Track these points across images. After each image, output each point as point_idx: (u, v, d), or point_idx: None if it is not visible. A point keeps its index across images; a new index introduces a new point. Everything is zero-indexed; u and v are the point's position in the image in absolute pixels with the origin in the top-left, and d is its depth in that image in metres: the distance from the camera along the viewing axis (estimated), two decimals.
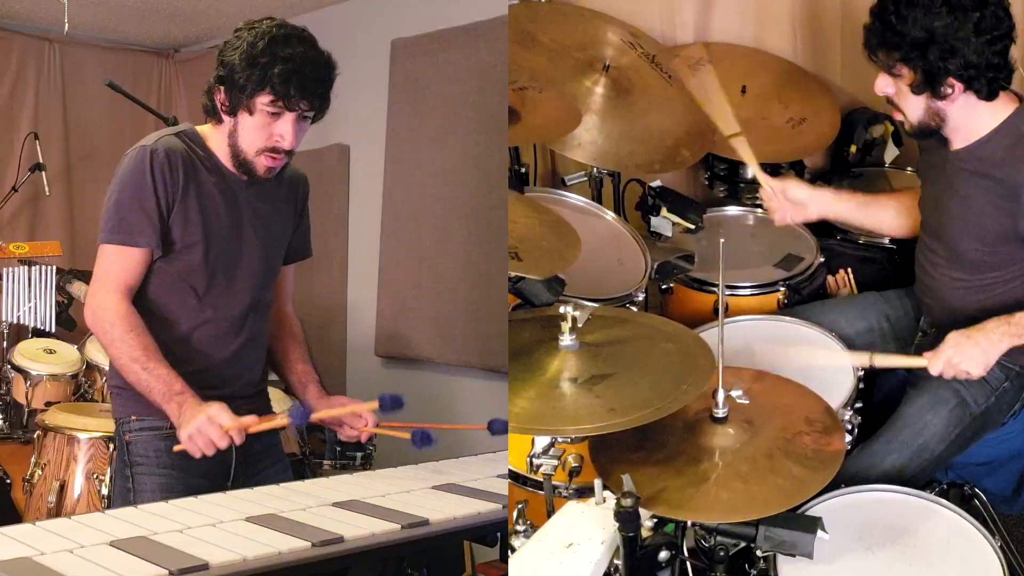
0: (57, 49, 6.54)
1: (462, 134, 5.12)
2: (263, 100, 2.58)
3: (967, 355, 2.71)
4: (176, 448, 2.53)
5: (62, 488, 3.87)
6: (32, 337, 5.18)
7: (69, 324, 5.31)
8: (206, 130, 2.75)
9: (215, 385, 2.69)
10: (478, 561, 3.64)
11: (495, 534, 2.40)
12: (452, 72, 5.17)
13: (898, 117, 2.88)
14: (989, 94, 2.72)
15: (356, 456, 4.49)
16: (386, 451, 4.58)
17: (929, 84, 2.72)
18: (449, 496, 2.43)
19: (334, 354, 5.84)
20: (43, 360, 4.87)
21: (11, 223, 6.23)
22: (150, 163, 2.60)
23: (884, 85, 2.82)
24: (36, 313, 5.15)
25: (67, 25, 4.96)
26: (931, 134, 2.85)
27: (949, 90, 2.72)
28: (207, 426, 2.47)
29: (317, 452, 4.52)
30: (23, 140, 6.07)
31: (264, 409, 2.87)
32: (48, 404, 4.60)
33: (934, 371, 2.74)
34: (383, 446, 4.64)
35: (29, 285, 5.21)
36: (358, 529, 2.07)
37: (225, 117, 2.66)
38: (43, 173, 5.94)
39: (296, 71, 2.54)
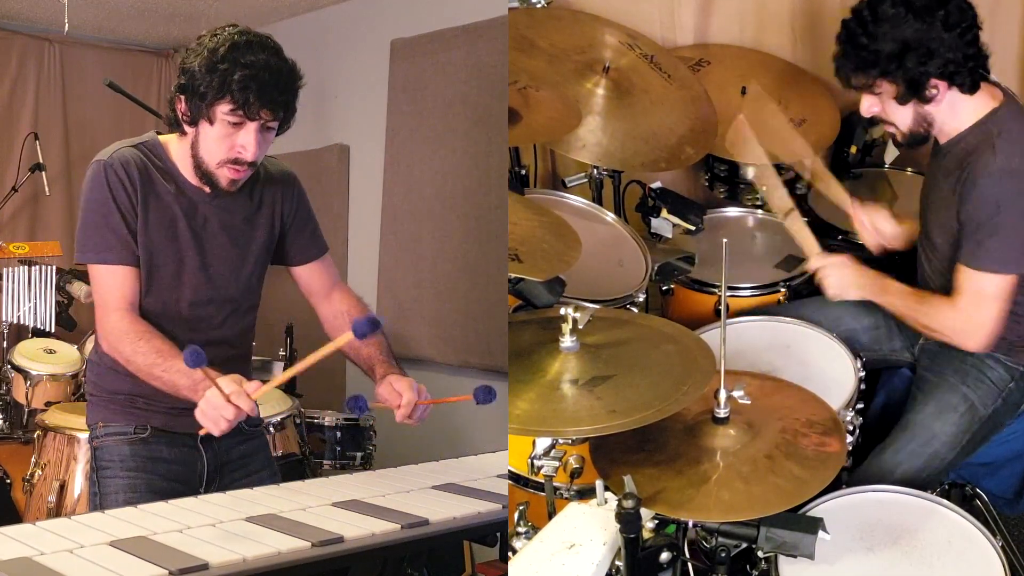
0: (57, 49, 6.55)
1: (462, 134, 5.12)
2: (223, 109, 2.49)
3: (839, 278, 3.02)
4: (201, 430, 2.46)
5: (62, 488, 3.87)
6: (32, 337, 5.19)
7: (69, 324, 5.32)
8: (170, 139, 2.69)
9: (175, 404, 2.60)
10: (478, 561, 3.64)
11: (495, 534, 2.39)
12: (452, 72, 5.17)
13: (890, 130, 2.91)
14: (972, 85, 2.76)
15: (356, 456, 4.49)
16: (386, 451, 4.59)
17: (913, 91, 2.76)
18: (449, 496, 2.43)
19: (334, 354, 5.83)
20: (43, 360, 4.88)
21: (11, 223, 6.23)
22: (106, 177, 2.56)
23: (870, 105, 2.86)
24: (36, 313, 5.16)
25: (67, 25, 4.96)
26: (922, 141, 2.89)
27: (934, 91, 2.75)
28: (215, 397, 2.36)
29: (317, 452, 4.53)
30: (23, 140, 6.08)
31: (237, 432, 2.74)
32: (48, 404, 4.62)
33: (811, 266, 3.09)
34: (383, 446, 4.64)
35: (29, 285, 5.22)
36: (358, 529, 2.07)
37: (187, 128, 2.59)
38: (43, 173, 5.95)
39: (255, 78, 2.46)
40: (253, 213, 2.79)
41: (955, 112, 2.80)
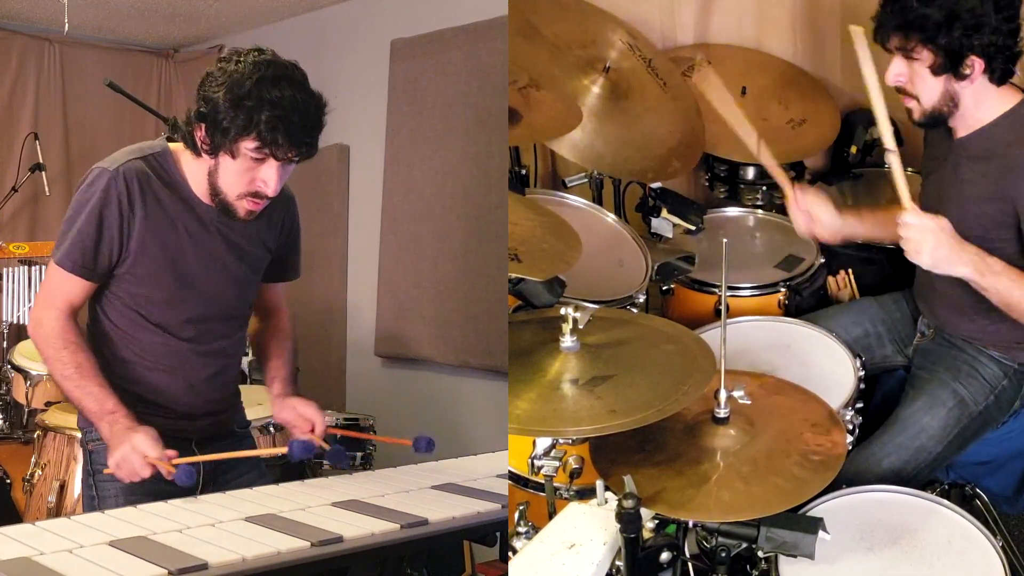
0: (57, 49, 6.55)
1: (462, 134, 5.12)
2: (248, 145, 2.41)
3: (936, 244, 2.65)
4: (105, 471, 2.50)
5: (62, 488, 3.88)
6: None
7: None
8: (182, 151, 2.60)
9: (171, 412, 2.66)
10: (478, 561, 3.64)
11: (495, 534, 2.40)
12: (452, 72, 5.18)
13: (909, 104, 2.82)
14: (1002, 76, 2.71)
15: (356, 456, 4.49)
16: (386, 451, 4.59)
17: (951, 63, 2.68)
18: (449, 496, 2.44)
19: (334, 354, 5.85)
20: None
21: (11, 223, 6.24)
22: (105, 189, 2.51)
23: (898, 72, 2.77)
24: None
25: (67, 25, 4.97)
26: (941, 122, 2.82)
27: (969, 70, 2.68)
28: (131, 455, 2.41)
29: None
30: (23, 140, 6.09)
31: (228, 435, 2.86)
32: (48, 404, 4.60)
33: (904, 219, 2.67)
34: (383, 446, 4.64)
35: (29, 285, 5.23)
36: (357, 529, 2.08)
37: (206, 156, 2.51)
38: (43, 173, 5.96)
39: (284, 119, 2.38)
40: (260, 232, 2.76)
41: (980, 100, 2.75)
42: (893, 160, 2.73)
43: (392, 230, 5.52)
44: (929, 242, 2.65)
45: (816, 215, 3.11)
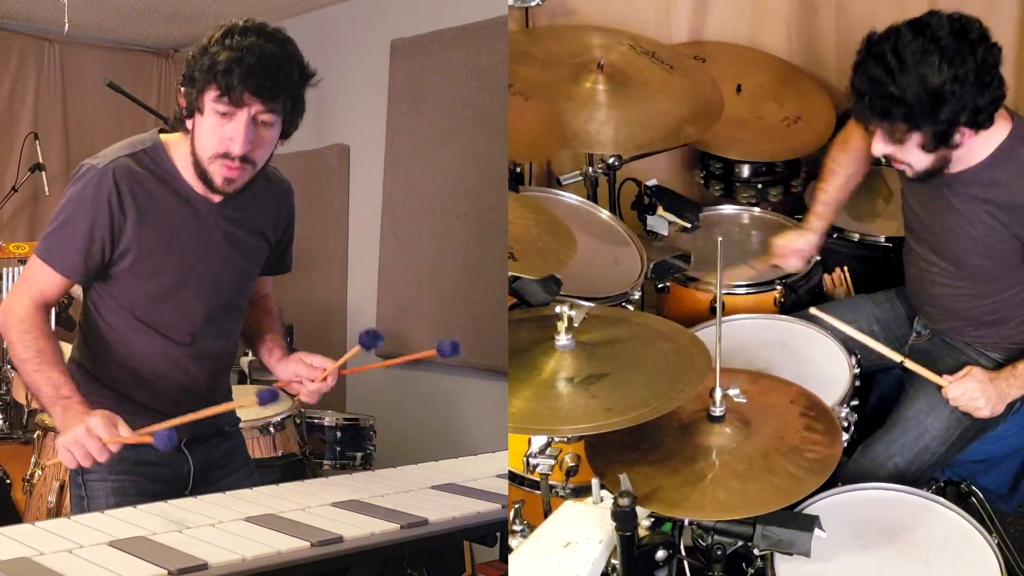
0: (57, 49, 6.56)
1: (462, 134, 5.13)
2: (211, 95, 2.35)
3: (987, 396, 2.73)
4: (52, 461, 2.46)
5: (62, 488, 3.87)
6: None
7: (69, 324, 5.31)
8: (173, 140, 2.55)
9: (162, 416, 2.54)
10: (478, 561, 3.65)
11: (495, 534, 2.38)
12: (452, 72, 5.18)
13: (899, 167, 2.74)
14: (990, 121, 2.60)
15: (356, 456, 4.50)
16: (386, 451, 4.60)
17: (942, 140, 2.58)
18: (449, 496, 2.43)
19: (334, 354, 5.80)
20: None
21: (11, 223, 6.25)
22: (95, 188, 2.46)
23: (884, 151, 2.68)
24: None
25: (67, 25, 4.96)
26: (935, 176, 2.70)
27: (959, 137, 2.59)
28: (85, 437, 2.27)
29: (317, 452, 4.53)
30: (23, 140, 6.09)
31: (218, 434, 2.79)
32: None
33: (951, 395, 2.74)
34: (383, 446, 4.65)
35: None
36: (358, 529, 2.07)
37: (187, 123, 2.46)
38: (43, 173, 5.96)
39: (240, 60, 2.30)
40: (259, 222, 2.71)
41: (973, 147, 2.65)
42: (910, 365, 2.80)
43: (392, 230, 5.52)
44: (981, 399, 2.74)
45: (796, 248, 3.22)
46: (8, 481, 4.30)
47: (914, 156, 2.66)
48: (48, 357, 2.46)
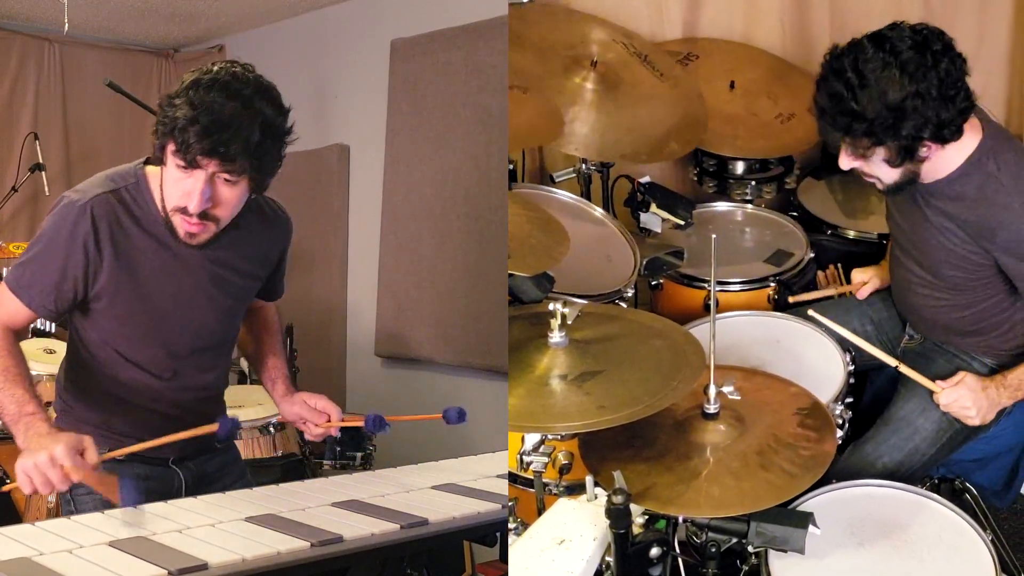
0: (57, 49, 6.55)
1: (462, 134, 5.13)
2: (171, 149, 2.28)
3: (979, 404, 2.73)
4: (5, 488, 2.37)
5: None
6: (32, 337, 5.18)
7: (68, 324, 5.33)
8: (156, 174, 2.45)
9: (150, 439, 2.53)
10: (478, 561, 3.65)
11: (495, 534, 2.37)
12: (452, 72, 5.18)
13: (869, 180, 2.71)
14: (958, 132, 2.56)
15: (356, 456, 4.49)
16: (386, 451, 4.60)
17: (907, 155, 2.56)
18: (449, 496, 2.43)
19: (334, 354, 5.86)
20: (43, 360, 4.84)
21: (11, 223, 6.24)
22: (73, 227, 2.38)
23: (851, 165, 2.66)
24: None
25: (67, 25, 4.96)
26: (906, 188, 2.69)
27: (925, 151, 2.57)
28: (48, 466, 2.16)
29: (317, 452, 4.53)
30: (23, 140, 6.09)
31: (208, 450, 2.72)
32: (48, 404, 4.55)
33: (942, 402, 2.76)
34: (383, 446, 4.65)
35: None
36: (358, 529, 2.08)
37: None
38: (43, 173, 5.96)
39: (196, 120, 2.21)
40: (250, 261, 2.65)
41: (943, 159, 2.62)
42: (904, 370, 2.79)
43: (392, 230, 5.53)
44: (972, 408, 2.74)
45: (874, 287, 3.20)
46: (8, 481, 4.30)
47: (881, 170, 2.64)
48: (12, 376, 2.38)
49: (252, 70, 2.37)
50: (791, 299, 3.29)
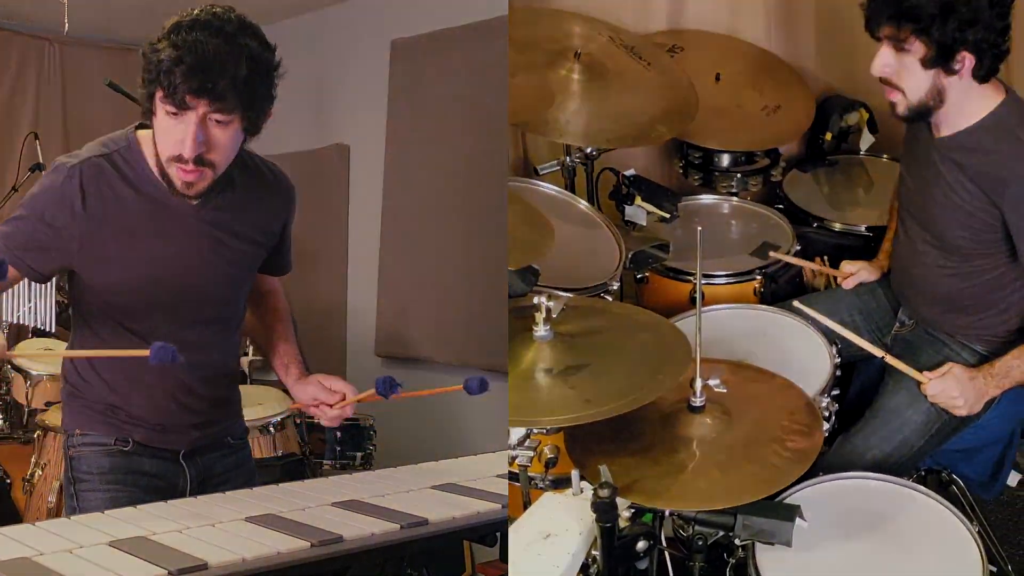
0: (57, 49, 6.58)
1: (462, 134, 5.15)
2: (159, 95, 2.21)
3: (966, 394, 2.76)
4: None
5: (62, 488, 3.89)
6: (32, 337, 5.20)
7: (69, 324, 5.34)
8: (148, 137, 2.39)
9: (156, 426, 2.54)
10: (478, 561, 3.66)
11: (495, 534, 2.34)
12: (452, 72, 5.21)
13: (893, 98, 2.74)
14: (987, 74, 2.64)
15: (356, 456, 4.50)
16: (386, 451, 4.63)
17: (943, 57, 2.61)
18: (449, 496, 2.42)
19: (334, 354, 5.87)
20: (43, 360, 4.88)
21: None
22: (61, 188, 2.34)
23: (885, 63, 2.69)
24: (36, 313, 5.13)
25: (67, 25, 4.96)
26: (924, 116, 2.74)
27: (959, 65, 2.61)
28: None
29: (317, 452, 4.54)
30: (23, 140, 6.09)
31: (221, 447, 2.70)
32: (48, 404, 4.57)
33: (929, 392, 2.78)
34: (383, 446, 4.68)
35: (29, 285, 5.23)
36: (358, 529, 2.07)
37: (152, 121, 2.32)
38: (43, 173, 5.98)
39: (180, 60, 2.15)
40: (252, 225, 2.58)
41: (965, 97, 2.68)
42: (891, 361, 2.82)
43: (392, 230, 5.55)
44: (959, 398, 2.77)
45: (862, 279, 3.22)
46: (8, 481, 4.29)
47: (910, 77, 2.68)
48: None
49: (233, 10, 2.32)
50: (771, 253, 3.30)
